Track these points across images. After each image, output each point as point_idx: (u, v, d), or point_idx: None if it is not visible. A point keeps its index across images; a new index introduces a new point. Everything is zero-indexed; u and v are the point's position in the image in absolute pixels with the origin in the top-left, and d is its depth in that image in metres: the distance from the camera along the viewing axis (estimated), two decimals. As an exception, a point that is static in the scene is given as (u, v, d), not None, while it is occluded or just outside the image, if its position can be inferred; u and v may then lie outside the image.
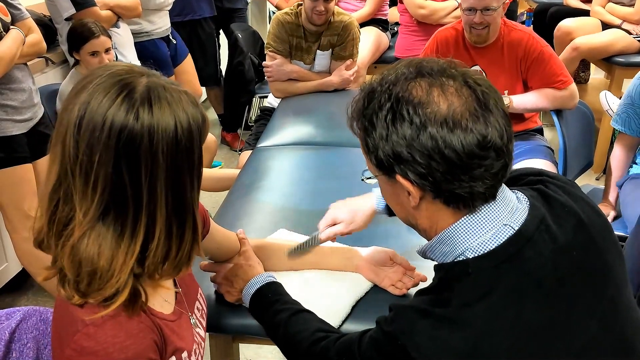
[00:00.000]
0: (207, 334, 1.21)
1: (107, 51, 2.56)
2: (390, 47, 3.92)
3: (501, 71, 2.44)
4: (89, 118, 0.83)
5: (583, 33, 3.66)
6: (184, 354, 0.98)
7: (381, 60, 3.83)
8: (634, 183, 2.18)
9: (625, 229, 2.03)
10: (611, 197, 2.28)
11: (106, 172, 0.83)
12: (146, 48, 3.21)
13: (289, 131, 2.50)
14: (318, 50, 2.95)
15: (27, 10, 2.29)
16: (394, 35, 3.99)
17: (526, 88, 2.48)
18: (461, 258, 0.93)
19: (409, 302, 0.96)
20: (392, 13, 4.04)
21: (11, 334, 1.13)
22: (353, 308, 1.32)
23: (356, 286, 1.36)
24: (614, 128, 2.37)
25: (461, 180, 0.88)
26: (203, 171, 0.94)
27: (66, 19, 2.70)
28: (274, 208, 1.81)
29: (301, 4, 2.87)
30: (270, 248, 1.41)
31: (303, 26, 2.90)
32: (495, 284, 0.88)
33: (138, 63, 2.92)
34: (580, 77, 4.37)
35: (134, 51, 3.03)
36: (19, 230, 2.24)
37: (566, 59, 3.56)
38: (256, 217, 1.76)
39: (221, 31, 4.21)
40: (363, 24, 3.67)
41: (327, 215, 1.40)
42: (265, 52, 3.03)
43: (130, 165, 0.83)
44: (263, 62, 3.05)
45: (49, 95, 2.57)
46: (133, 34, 3.07)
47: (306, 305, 1.21)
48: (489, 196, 0.92)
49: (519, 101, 2.44)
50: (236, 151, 4.05)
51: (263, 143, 2.44)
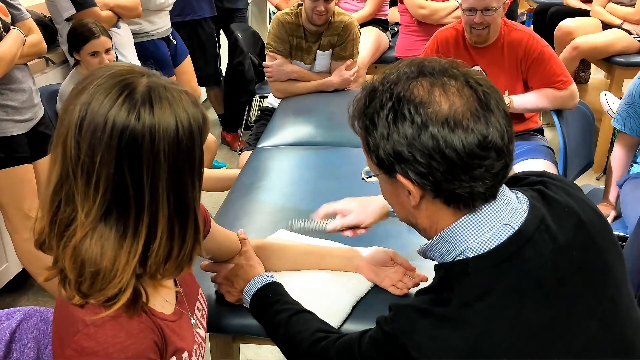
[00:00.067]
0: (208, 334, 1.21)
1: (108, 51, 2.56)
2: (390, 47, 3.92)
3: (501, 71, 2.44)
4: (90, 119, 0.83)
5: (583, 33, 3.66)
6: (185, 354, 0.98)
7: (381, 60, 3.83)
8: (635, 183, 2.18)
9: (625, 229, 2.03)
10: (611, 197, 2.28)
11: (108, 173, 0.83)
12: (146, 48, 3.21)
13: (289, 131, 2.50)
14: (318, 50, 2.95)
15: (27, 10, 2.29)
16: (394, 35, 3.99)
17: (526, 88, 2.48)
18: (461, 257, 0.93)
19: (409, 302, 0.96)
20: (393, 13, 4.04)
21: (12, 334, 1.13)
22: (353, 308, 1.32)
23: (356, 286, 1.36)
24: (614, 128, 2.37)
25: (461, 180, 0.88)
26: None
27: (66, 19, 2.70)
28: (274, 208, 1.80)
29: (301, 4, 2.87)
30: (270, 248, 1.41)
31: (303, 26, 2.90)
32: (495, 284, 0.88)
33: (138, 63, 2.92)
34: (580, 77, 4.37)
35: (134, 51, 3.03)
36: (20, 230, 2.24)
37: (566, 58, 3.56)
38: (256, 217, 1.76)
39: (221, 31, 4.21)
40: (363, 24, 3.67)
41: (338, 205, 1.40)
42: (265, 52, 3.03)
43: (132, 165, 0.83)
44: (263, 62, 3.04)
45: (50, 95, 2.57)
46: (133, 34, 3.07)
47: (306, 305, 1.21)
48: (489, 196, 0.92)
49: (519, 101, 2.44)
50: (236, 151, 4.05)
51: (263, 143, 2.43)
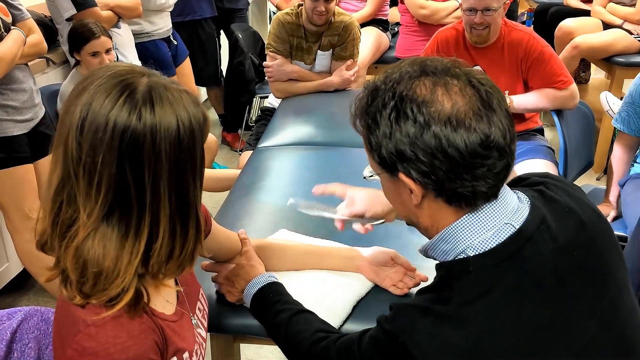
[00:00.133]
0: (208, 334, 1.21)
1: (108, 52, 2.56)
2: (390, 48, 3.92)
3: (502, 71, 2.44)
4: (92, 119, 0.83)
5: (584, 33, 3.66)
6: (185, 355, 0.98)
7: (381, 60, 3.83)
8: (636, 183, 2.18)
9: (625, 229, 2.03)
10: (612, 197, 2.28)
11: (110, 173, 0.83)
12: (147, 48, 3.21)
13: (290, 131, 2.50)
14: (319, 50, 2.95)
15: (28, 10, 2.29)
16: (395, 35, 3.99)
17: (527, 88, 2.48)
18: (462, 256, 0.93)
19: (410, 301, 0.96)
20: (393, 13, 4.04)
21: (12, 334, 1.13)
22: (354, 308, 1.32)
23: (357, 286, 1.36)
24: (615, 128, 2.37)
25: (464, 179, 0.88)
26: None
27: (67, 20, 2.70)
28: (275, 208, 1.80)
29: (302, 4, 2.87)
30: (271, 248, 1.41)
31: (304, 26, 2.90)
32: (495, 282, 0.88)
33: (139, 63, 2.92)
34: (580, 77, 4.37)
35: (135, 52, 3.03)
36: (20, 230, 2.24)
37: (566, 58, 3.56)
38: (257, 217, 1.76)
39: (222, 31, 4.21)
40: (363, 24, 3.67)
41: (347, 193, 1.37)
42: (265, 52, 3.03)
43: (133, 165, 0.83)
44: (264, 62, 3.04)
45: (50, 95, 2.58)
46: (134, 35, 3.07)
47: (307, 305, 1.21)
48: (491, 195, 0.92)
49: (520, 101, 2.44)
50: (237, 151, 4.05)
51: (264, 143, 2.43)
